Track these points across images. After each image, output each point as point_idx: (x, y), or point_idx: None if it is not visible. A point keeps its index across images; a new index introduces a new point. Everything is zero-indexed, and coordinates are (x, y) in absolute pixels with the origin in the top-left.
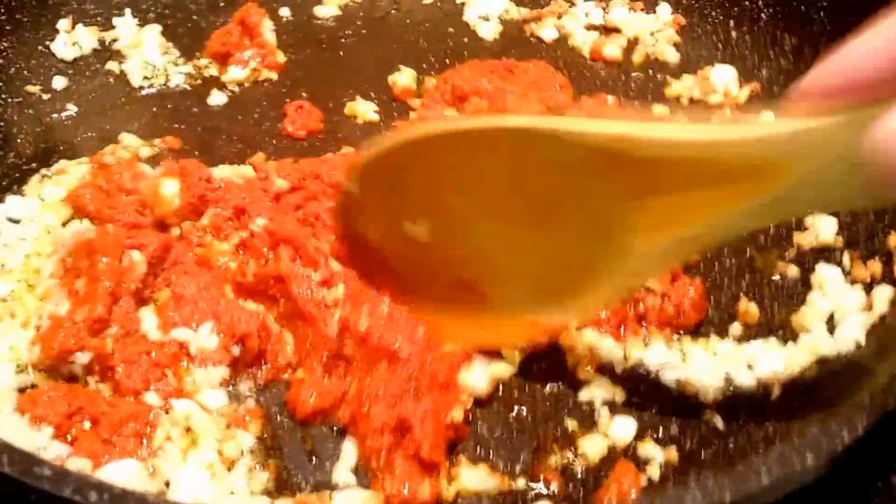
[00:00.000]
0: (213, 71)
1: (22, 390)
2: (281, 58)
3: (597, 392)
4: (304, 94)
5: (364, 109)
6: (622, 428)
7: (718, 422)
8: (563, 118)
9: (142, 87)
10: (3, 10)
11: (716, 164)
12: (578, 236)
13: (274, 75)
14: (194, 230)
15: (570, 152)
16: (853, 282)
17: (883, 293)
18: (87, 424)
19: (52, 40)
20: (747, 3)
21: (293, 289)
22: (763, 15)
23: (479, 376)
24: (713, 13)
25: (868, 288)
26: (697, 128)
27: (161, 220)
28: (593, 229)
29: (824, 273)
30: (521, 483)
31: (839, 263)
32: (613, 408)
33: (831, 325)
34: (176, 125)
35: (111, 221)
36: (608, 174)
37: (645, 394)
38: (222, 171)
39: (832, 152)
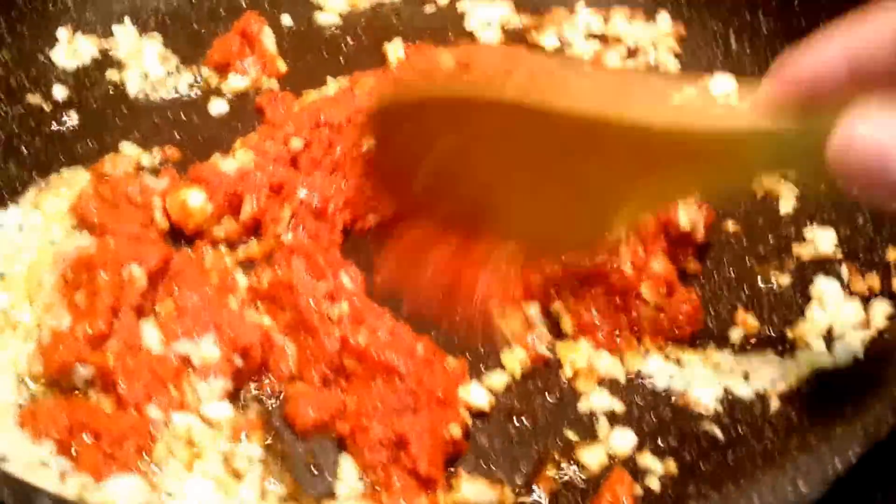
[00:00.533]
0: (213, 80)
1: (23, 404)
2: (282, 66)
3: (596, 403)
4: None
5: None
6: (622, 439)
7: (717, 433)
8: (554, 93)
9: (142, 97)
10: (2, 21)
11: (691, 148)
12: (570, 186)
13: (275, 84)
14: (234, 225)
15: (558, 124)
16: (851, 294)
17: (881, 308)
18: (88, 438)
19: (51, 49)
20: (748, 14)
21: (300, 299)
22: (764, 28)
23: (478, 392)
24: (713, 24)
25: (866, 302)
26: (674, 113)
27: (196, 230)
28: (582, 184)
29: (823, 286)
30: (521, 494)
31: (838, 276)
32: (613, 419)
33: (829, 338)
34: (177, 135)
35: (114, 234)
36: (593, 144)
37: (644, 405)
38: (229, 164)
39: (799, 144)
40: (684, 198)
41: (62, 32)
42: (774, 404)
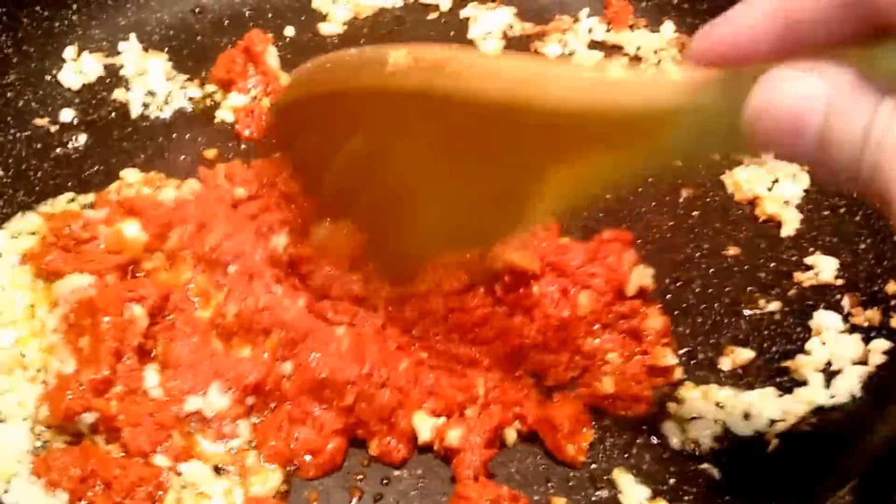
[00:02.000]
0: (217, 97)
1: (37, 451)
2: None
3: None
4: None
5: None
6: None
7: (716, 473)
8: (462, 75)
9: (147, 116)
10: (9, 42)
11: (608, 123)
12: (488, 177)
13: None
14: (156, 259)
15: (465, 111)
16: (851, 329)
17: (879, 345)
18: (100, 488)
19: (58, 69)
20: None
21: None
22: None
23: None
24: None
25: (866, 336)
26: (587, 88)
27: (132, 262)
28: (501, 173)
29: (823, 319)
30: None
31: (838, 308)
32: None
33: (828, 373)
34: (182, 155)
35: (98, 274)
36: (503, 129)
37: (642, 444)
38: (168, 194)
39: (716, 114)
40: (605, 185)
41: (68, 51)
42: (773, 443)
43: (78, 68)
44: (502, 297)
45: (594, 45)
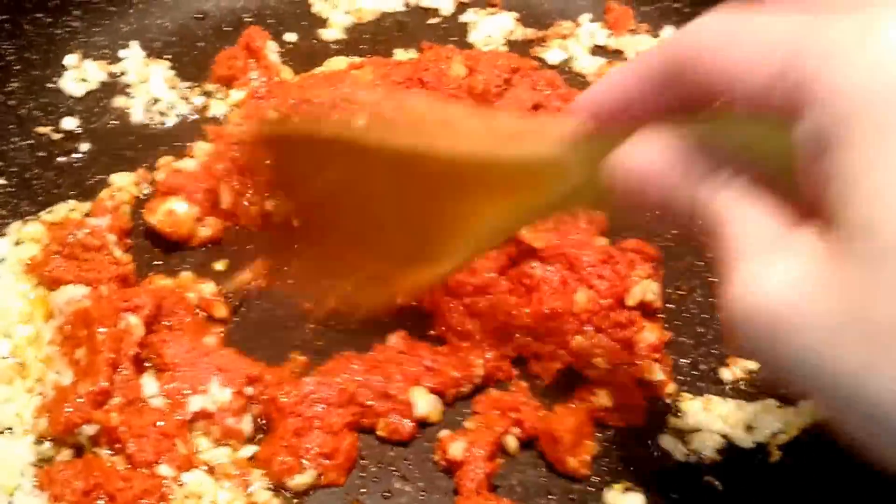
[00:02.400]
0: (219, 97)
1: (40, 464)
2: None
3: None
4: None
5: None
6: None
7: (718, 486)
8: (373, 129)
9: (149, 124)
10: (11, 50)
11: (497, 175)
12: (412, 218)
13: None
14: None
15: (377, 158)
16: None
17: None
18: (103, 501)
19: (60, 77)
20: None
21: None
22: None
23: None
24: None
25: None
26: (488, 142)
27: (187, 236)
28: (420, 215)
29: None
30: None
31: None
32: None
33: None
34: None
35: (95, 283)
36: (417, 176)
37: (644, 457)
38: (188, 164)
39: (588, 171)
40: (518, 225)
41: (70, 58)
42: (775, 455)
43: (80, 76)
44: (507, 267)
45: (596, 50)
